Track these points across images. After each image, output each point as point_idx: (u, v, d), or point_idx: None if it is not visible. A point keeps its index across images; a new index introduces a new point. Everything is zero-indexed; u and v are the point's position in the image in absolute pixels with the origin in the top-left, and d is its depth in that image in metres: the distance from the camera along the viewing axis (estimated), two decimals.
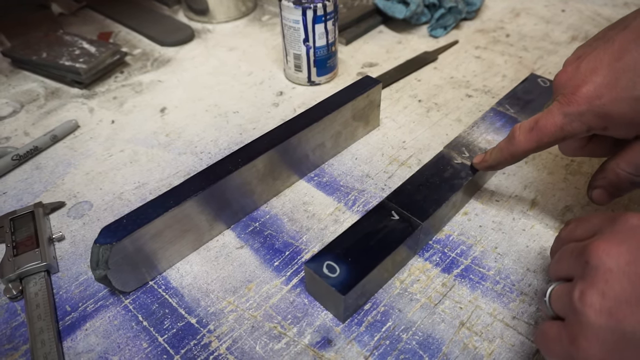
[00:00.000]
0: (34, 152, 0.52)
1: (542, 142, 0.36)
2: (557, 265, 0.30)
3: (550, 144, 0.36)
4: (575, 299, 0.26)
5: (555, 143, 0.36)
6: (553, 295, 0.29)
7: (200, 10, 0.76)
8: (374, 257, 0.36)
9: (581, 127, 0.34)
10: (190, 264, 0.41)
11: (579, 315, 0.26)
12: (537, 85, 0.53)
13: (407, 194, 0.41)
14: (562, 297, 0.28)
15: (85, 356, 0.35)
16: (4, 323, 0.37)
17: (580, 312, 0.25)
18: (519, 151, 0.38)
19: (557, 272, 0.30)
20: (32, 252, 0.40)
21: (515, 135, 0.38)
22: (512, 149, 0.38)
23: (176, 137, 0.55)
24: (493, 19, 0.75)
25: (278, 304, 0.38)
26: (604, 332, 0.25)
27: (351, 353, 0.34)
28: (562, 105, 0.34)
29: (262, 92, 0.61)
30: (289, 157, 0.45)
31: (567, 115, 0.34)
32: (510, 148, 0.38)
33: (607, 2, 0.77)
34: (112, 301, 0.38)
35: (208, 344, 0.35)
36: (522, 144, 0.37)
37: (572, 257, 0.29)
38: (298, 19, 0.55)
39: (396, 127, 0.55)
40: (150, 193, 0.47)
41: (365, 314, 0.37)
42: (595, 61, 0.33)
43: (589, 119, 0.33)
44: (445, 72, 0.63)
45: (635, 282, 0.24)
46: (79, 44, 0.65)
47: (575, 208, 0.44)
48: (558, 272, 0.30)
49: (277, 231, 0.43)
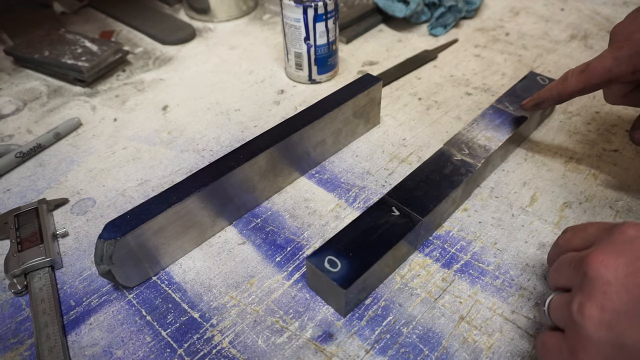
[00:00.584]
0: (37, 150, 0.53)
1: (589, 84, 0.40)
2: (556, 275, 0.31)
3: (597, 86, 0.39)
4: (574, 311, 0.26)
5: (602, 86, 0.39)
6: (552, 306, 0.29)
7: (202, 9, 0.77)
8: (374, 252, 0.36)
9: (627, 69, 0.37)
10: (192, 260, 0.41)
11: (578, 328, 0.26)
12: (536, 83, 0.53)
13: (407, 190, 0.41)
14: (561, 308, 0.28)
15: (89, 350, 0.35)
16: (9, 317, 0.38)
17: (579, 324, 0.25)
18: (568, 91, 0.41)
19: (555, 282, 0.31)
20: (37, 247, 0.41)
21: (568, 77, 0.41)
22: (561, 88, 0.42)
23: (178, 134, 0.55)
24: (493, 17, 0.75)
25: (280, 299, 0.38)
26: (603, 346, 0.25)
27: (352, 347, 0.35)
28: (613, 50, 0.38)
29: (264, 90, 0.62)
30: (290, 154, 0.45)
31: (616, 59, 0.37)
32: (559, 87, 0.42)
33: (606, 1, 0.77)
34: (115, 296, 0.39)
35: (211, 338, 0.36)
36: (572, 84, 0.41)
37: (571, 267, 0.29)
38: (299, 17, 0.56)
39: (396, 124, 0.55)
40: (152, 190, 0.48)
41: (366, 308, 0.37)
42: None
43: (636, 61, 0.36)
44: (445, 71, 0.64)
45: (633, 294, 0.24)
46: (81, 43, 0.66)
47: (573, 204, 0.44)
48: (556, 282, 0.31)
49: (279, 227, 0.44)
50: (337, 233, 0.38)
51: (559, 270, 0.30)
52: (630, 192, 0.45)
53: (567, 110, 0.55)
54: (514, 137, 0.48)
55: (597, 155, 0.49)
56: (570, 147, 0.50)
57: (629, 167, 0.48)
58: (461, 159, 0.44)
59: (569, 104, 0.56)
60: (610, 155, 0.49)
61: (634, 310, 0.24)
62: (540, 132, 0.53)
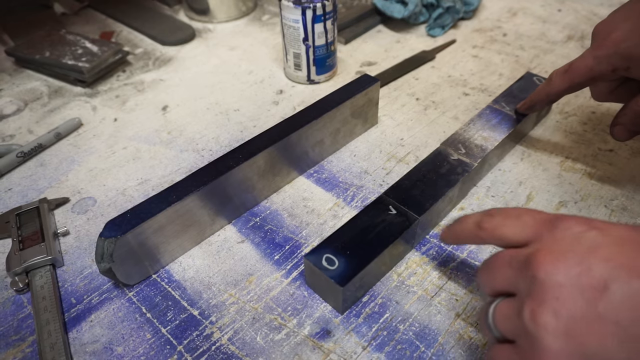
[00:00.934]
0: (38, 150, 0.53)
1: (573, 82, 0.41)
2: (491, 277, 0.27)
3: (581, 84, 0.41)
4: (526, 319, 0.23)
5: (586, 84, 0.41)
6: (497, 315, 0.26)
7: (201, 10, 0.77)
8: (371, 250, 0.37)
9: (607, 67, 0.38)
10: (192, 258, 0.42)
11: (532, 339, 0.23)
12: (533, 83, 0.54)
13: (404, 189, 0.42)
14: (509, 318, 0.25)
15: (90, 347, 0.36)
16: (11, 315, 0.38)
17: (533, 335, 0.23)
18: (554, 91, 0.43)
19: (492, 285, 0.27)
20: (38, 246, 0.41)
21: (552, 77, 0.43)
22: (548, 89, 0.44)
23: (178, 134, 0.55)
24: (490, 18, 0.76)
25: (278, 297, 0.39)
26: (564, 356, 0.22)
27: (349, 343, 0.35)
28: (593, 50, 0.39)
29: (263, 91, 0.62)
30: (288, 154, 0.46)
31: (596, 58, 0.39)
32: (546, 88, 0.44)
33: (603, 2, 0.78)
34: (116, 294, 0.39)
35: (210, 335, 0.36)
36: (557, 84, 0.43)
37: (512, 268, 0.26)
38: (298, 18, 0.56)
39: (394, 124, 0.55)
40: (152, 189, 0.48)
41: (363, 305, 0.38)
42: (627, 12, 0.38)
43: (615, 61, 0.38)
44: (442, 71, 0.64)
45: (588, 296, 0.22)
46: (82, 44, 0.66)
47: (569, 204, 0.45)
48: (494, 285, 0.27)
49: (277, 226, 0.44)
50: (334, 231, 0.38)
51: (497, 271, 0.27)
52: (625, 191, 0.46)
53: (564, 110, 0.56)
54: (511, 136, 0.48)
55: (593, 155, 0.50)
56: (566, 147, 0.51)
57: (624, 167, 0.48)
58: (458, 159, 0.45)
59: (565, 104, 0.56)
60: (605, 155, 0.50)
61: (591, 313, 0.22)
62: (537, 132, 0.53)
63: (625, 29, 0.37)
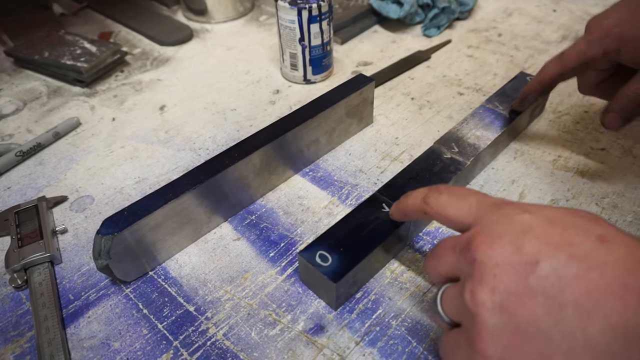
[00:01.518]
0: (37, 149, 0.54)
1: (566, 67, 0.42)
2: (437, 263, 0.29)
3: (573, 70, 0.42)
4: (467, 299, 0.24)
5: (578, 69, 0.43)
6: (444, 300, 0.27)
7: (199, 10, 0.78)
8: (365, 247, 0.37)
9: (599, 50, 0.40)
10: (188, 255, 0.42)
11: (473, 317, 0.24)
12: (526, 83, 0.54)
13: (397, 187, 0.42)
14: (454, 301, 0.26)
15: (88, 342, 0.36)
16: (10, 311, 0.39)
17: (473, 312, 0.24)
18: (547, 77, 0.44)
19: (438, 271, 0.29)
20: (36, 243, 0.42)
21: (545, 64, 0.44)
22: (541, 77, 0.45)
23: (175, 134, 0.56)
24: (485, 18, 0.76)
25: (273, 293, 0.39)
26: (499, 330, 0.23)
27: (343, 339, 0.36)
28: (586, 35, 0.41)
29: (259, 90, 0.63)
30: (284, 153, 0.46)
31: (589, 42, 0.40)
32: (539, 76, 0.45)
33: (597, 2, 0.78)
34: (113, 290, 0.40)
35: (205, 331, 0.37)
36: (550, 69, 0.44)
37: (455, 253, 0.27)
38: (294, 19, 0.57)
39: (389, 123, 0.56)
40: (150, 188, 0.49)
41: (356, 301, 0.38)
42: (619, 7, 0.40)
43: (607, 43, 0.39)
44: (438, 71, 0.65)
45: (520, 271, 0.23)
46: (80, 44, 0.67)
47: (560, 201, 0.46)
48: (439, 271, 0.29)
49: (273, 224, 0.45)
50: (328, 229, 0.39)
51: (440, 257, 0.28)
52: (615, 189, 0.46)
53: (557, 109, 0.56)
54: (504, 135, 0.49)
55: (585, 154, 0.50)
56: (559, 146, 0.51)
57: (615, 166, 0.49)
58: (451, 157, 0.45)
59: (558, 104, 0.57)
60: (597, 154, 0.50)
61: (523, 287, 0.23)
62: (530, 131, 0.54)
63: (617, 17, 0.39)
